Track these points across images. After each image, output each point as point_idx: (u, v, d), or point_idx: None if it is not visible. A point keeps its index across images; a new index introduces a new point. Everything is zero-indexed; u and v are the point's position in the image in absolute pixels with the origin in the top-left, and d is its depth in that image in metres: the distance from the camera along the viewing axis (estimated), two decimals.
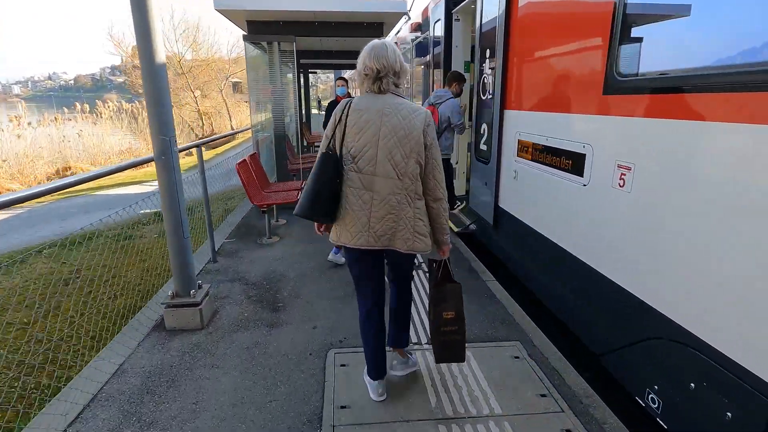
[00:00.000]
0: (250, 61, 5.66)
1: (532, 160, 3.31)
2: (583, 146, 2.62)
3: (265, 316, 3.08)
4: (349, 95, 5.27)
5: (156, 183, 2.64)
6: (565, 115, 2.83)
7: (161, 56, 2.45)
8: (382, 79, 1.83)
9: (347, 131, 1.85)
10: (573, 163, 2.74)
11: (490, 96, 4.09)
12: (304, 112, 12.51)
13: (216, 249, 4.26)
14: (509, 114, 3.74)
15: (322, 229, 2.06)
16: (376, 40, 1.90)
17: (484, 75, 4.22)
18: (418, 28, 7.41)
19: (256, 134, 6.10)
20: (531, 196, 3.38)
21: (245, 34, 5.42)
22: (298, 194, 4.85)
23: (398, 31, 9.03)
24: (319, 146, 2.02)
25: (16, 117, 16.68)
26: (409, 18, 8.35)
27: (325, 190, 1.83)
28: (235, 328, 2.89)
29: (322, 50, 8.50)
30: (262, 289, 3.51)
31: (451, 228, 4.96)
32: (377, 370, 2.17)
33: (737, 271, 1.63)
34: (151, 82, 2.45)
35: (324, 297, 3.37)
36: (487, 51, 4.11)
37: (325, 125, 5.17)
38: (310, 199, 1.84)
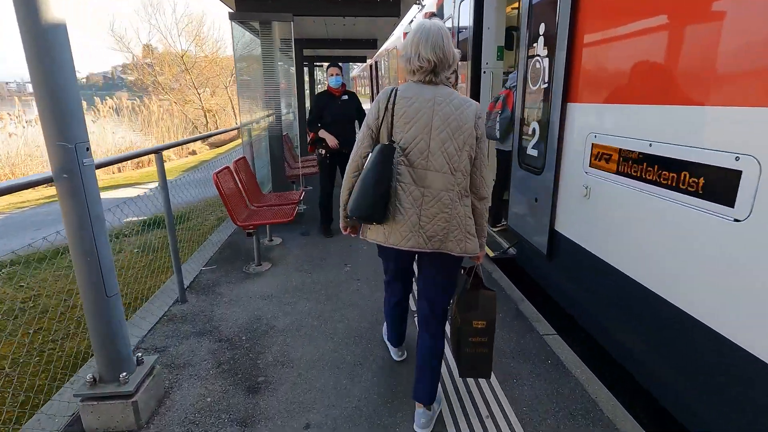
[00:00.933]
0: (239, 46, 4.72)
1: (619, 173, 2.32)
2: (737, 158, 1.63)
3: (237, 402, 2.12)
4: (344, 87, 4.33)
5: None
6: (695, 108, 1.83)
7: (55, 11, 1.51)
8: (439, 74, 1.69)
9: (395, 121, 1.68)
10: (713, 184, 1.74)
11: (545, 85, 3.09)
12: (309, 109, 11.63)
13: (185, 286, 3.33)
14: (576, 108, 2.74)
15: (348, 230, 1.97)
16: (426, 21, 1.69)
17: (536, 59, 3.23)
18: (432, 17, 6.44)
19: (249, 134, 5.17)
20: (615, 225, 2.38)
21: (231, 11, 4.47)
22: (294, 209, 3.90)
23: (411, 21, 8.10)
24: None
25: (8, 114, 16.03)
26: (423, 6, 7.42)
27: (383, 187, 1.66)
28: (189, 428, 1.95)
29: (328, 38, 7.56)
30: (238, 351, 2.56)
31: (486, 253, 3.98)
32: (399, 338, 2.39)
33: None
34: (40, 55, 1.51)
35: (325, 366, 2.40)
36: (541, 27, 3.12)
37: (311, 120, 4.14)
38: (371, 197, 1.66)
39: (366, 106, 3.83)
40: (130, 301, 3.32)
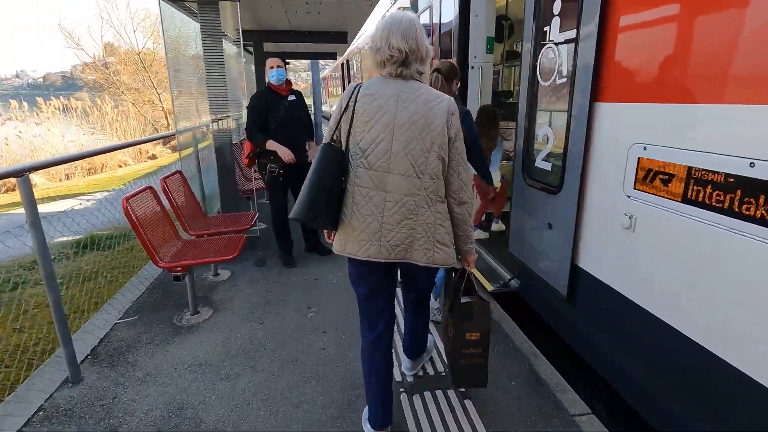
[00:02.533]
0: (176, 33, 3.82)
1: (689, 202, 1.62)
2: None
3: None
4: (288, 83, 3.48)
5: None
6: None
7: None
8: (410, 65, 1.54)
9: (355, 120, 1.54)
10: None
11: (562, 80, 2.39)
12: None
13: (87, 352, 2.44)
14: (611, 110, 2.04)
15: (332, 238, 1.71)
16: (397, 12, 1.57)
17: (548, 47, 2.52)
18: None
19: (194, 143, 4.27)
20: (681, 273, 1.68)
21: None
22: (241, 242, 3.05)
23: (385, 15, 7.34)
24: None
25: None
26: None
27: (326, 190, 1.54)
28: None
29: (291, 30, 6.70)
30: None
31: (483, 285, 3.25)
32: (381, 419, 1.80)
33: None
34: None
35: None
36: (556, 5, 2.42)
37: (252, 128, 3.29)
38: (308, 200, 1.54)
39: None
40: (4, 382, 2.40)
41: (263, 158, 3.42)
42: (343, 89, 16.48)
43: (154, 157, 17.29)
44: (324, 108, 28.84)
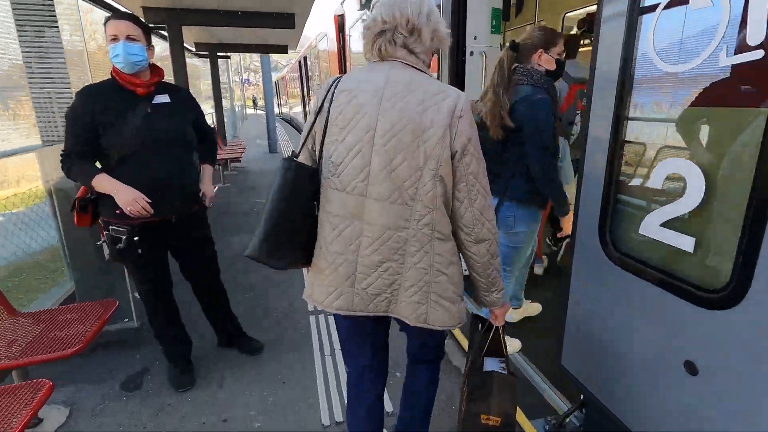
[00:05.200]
0: None
1: None
2: None
3: None
4: (156, 72, 1.91)
5: None
6: None
7: None
8: (396, 42, 1.17)
9: (330, 124, 1.19)
10: None
11: (749, 59, 1.02)
12: (215, 118, 8.91)
13: None
14: None
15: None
16: None
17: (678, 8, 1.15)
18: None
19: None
20: None
21: None
22: (94, 332, 1.49)
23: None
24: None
25: None
26: None
27: (290, 222, 1.19)
28: None
29: (219, 10, 5.10)
30: None
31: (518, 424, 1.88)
32: None
33: None
34: None
35: None
36: None
37: (70, 154, 1.82)
38: (265, 232, 1.17)
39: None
40: None
41: (102, 212, 1.88)
42: (302, 93, 14.64)
43: None
44: (284, 110, 26.90)
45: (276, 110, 35.86)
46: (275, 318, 2.85)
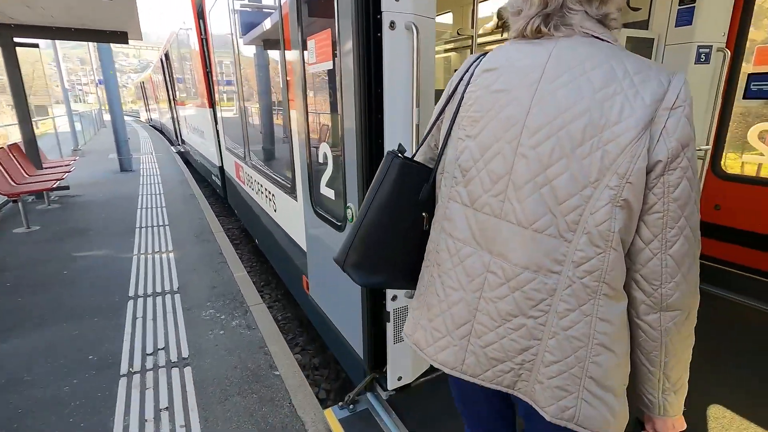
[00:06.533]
0: None
1: None
2: None
3: None
4: None
5: None
6: None
7: None
8: (562, 7, 0.77)
9: (461, 114, 0.86)
10: None
11: None
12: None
13: None
14: None
15: None
16: None
17: None
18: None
19: None
20: None
21: None
22: None
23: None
24: None
25: None
26: None
27: (381, 229, 0.93)
28: None
29: None
30: None
31: None
32: None
33: None
34: None
35: None
36: None
37: None
38: (352, 236, 0.94)
39: None
40: None
41: None
42: (169, 96, 11.86)
43: None
44: (154, 116, 22.61)
45: (144, 116, 30.59)
46: None
